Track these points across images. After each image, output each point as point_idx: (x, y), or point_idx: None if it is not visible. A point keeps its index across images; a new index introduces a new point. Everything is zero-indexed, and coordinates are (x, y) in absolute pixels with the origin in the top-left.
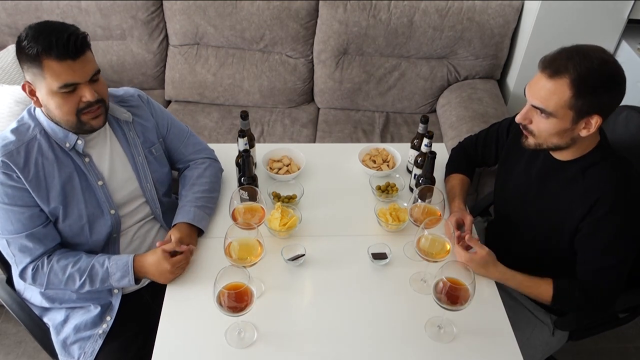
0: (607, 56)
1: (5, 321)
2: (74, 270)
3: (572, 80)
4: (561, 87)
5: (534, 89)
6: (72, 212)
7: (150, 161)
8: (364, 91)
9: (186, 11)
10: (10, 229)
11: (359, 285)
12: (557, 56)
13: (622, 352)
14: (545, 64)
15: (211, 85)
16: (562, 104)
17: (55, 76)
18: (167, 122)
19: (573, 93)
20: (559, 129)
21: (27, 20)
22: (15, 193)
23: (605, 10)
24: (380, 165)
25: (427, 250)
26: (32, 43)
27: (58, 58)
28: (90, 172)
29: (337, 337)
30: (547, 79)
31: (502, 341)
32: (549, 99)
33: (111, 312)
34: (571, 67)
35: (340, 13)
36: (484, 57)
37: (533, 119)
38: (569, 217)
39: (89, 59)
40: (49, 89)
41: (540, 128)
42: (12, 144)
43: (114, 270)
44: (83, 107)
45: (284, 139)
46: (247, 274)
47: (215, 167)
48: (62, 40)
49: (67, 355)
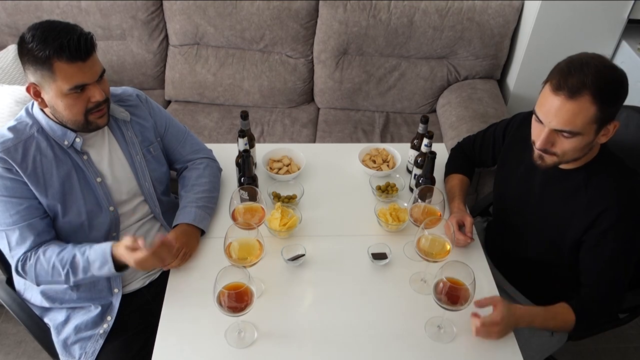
0: (606, 60)
1: (5, 321)
2: (57, 261)
3: (593, 95)
4: (585, 105)
5: (554, 113)
6: (71, 209)
7: (148, 160)
8: (364, 91)
9: (186, 11)
10: (8, 221)
11: (359, 285)
12: (566, 75)
13: (622, 352)
14: (558, 86)
15: (211, 85)
16: (588, 121)
17: (67, 78)
18: (165, 122)
19: (597, 107)
20: (584, 144)
21: (27, 20)
22: (13, 185)
23: (605, 10)
24: (380, 165)
25: (427, 250)
26: (42, 45)
27: (69, 60)
28: (88, 169)
29: (337, 337)
30: (567, 100)
31: (501, 341)
32: (574, 120)
33: (112, 312)
34: (588, 82)
35: (340, 13)
36: (484, 57)
37: (556, 142)
38: (571, 227)
39: (96, 59)
40: (58, 90)
41: (565, 148)
42: (9, 141)
43: (93, 259)
44: (92, 107)
45: (284, 139)
46: (247, 274)
47: (214, 167)
48: (74, 42)
49: (68, 356)
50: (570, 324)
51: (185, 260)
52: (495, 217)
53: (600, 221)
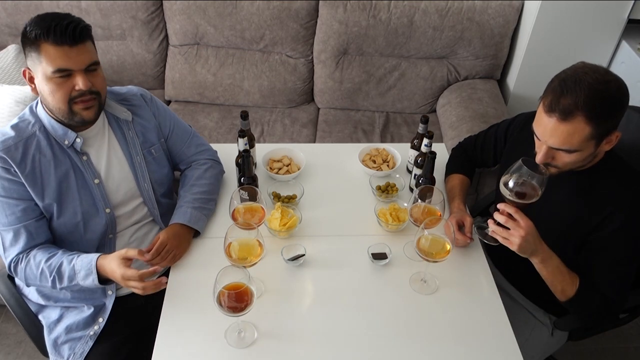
0: (602, 74)
1: (5, 321)
2: (45, 267)
3: (587, 116)
4: (578, 126)
5: (549, 134)
6: (66, 210)
7: (149, 161)
8: (364, 91)
9: (186, 11)
10: (4, 221)
11: (359, 285)
12: (559, 96)
13: (622, 352)
14: (550, 108)
15: (211, 85)
16: (584, 139)
17: (51, 60)
18: (170, 123)
19: (592, 126)
20: (585, 157)
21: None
22: (11, 186)
23: (605, 10)
24: (380, 165)
25: (427, 250)
26: (33, 27)
27: (55, 43)
28: (87, 170)
29: (337, 337)
30: (560, 123)
31: (501, 341)
32: (570, 140)
33: (104, 314)
34: (580, 103)
35: (340, 13)
36: (484, 57)
37: (555, 156)
38: (575, 229)
39: (88, 49)
40: (44, 73)
41: (565, 161)
42: (11, 140)
43: (79, 268)
44: (75, 95)
45: (284, 139)
46: (247, 274)
47: (217, 169)
48: (61, 27)
49: (57, 355)
50: (569, 294)
51: (173, 262)
52: None
53: (606, 224)
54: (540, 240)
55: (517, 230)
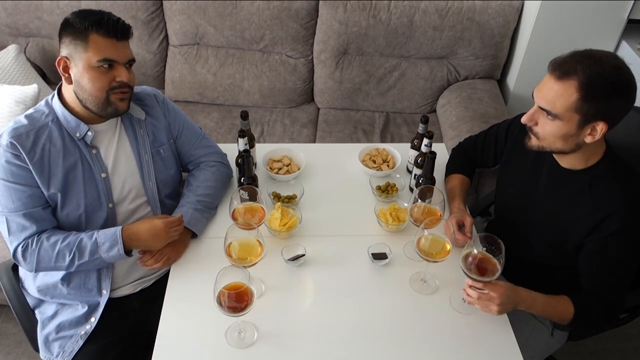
0: (619, 63)
1: (6, 321)
2: (63, 246)
3: (580, 83)
4: (569, 89)
5: (541, 90)
6: (70, 201)
7: (156, 161)
8: (364, 91)
9: (186, 11)
10: (11, 207)
11: (359, 285)
12: (567, 59)
13: (622, 352)
14: (554, 66)
15: (211, 85)
16: (568, 106)
17: (98, 50)
18: (179, 124)
19: (580, 96)
20: (564, 133)
21: (27, 20)
22: (19, 172)
23: (605, 10)
24: (380, 165)
25: (427, 251)
26: (81, 19)
27: (105, 34)
28: (95, 163)
29: (337, 337)
30: (555, 81)
31: (501, 342)
32: (555, 101)
33: (96, 313)
34: (580, 70)
35: (340, 13)
36: (484, 57)
37: (539, 121)
38: (574, 230)
39: (128, 46)
40: (87, 62)
41: (545, 130)
42: (23, 127)
43: (102, 240)
44: (115, 86)
45: (284, 139)
46: (247, 274)
47: (223, 173)
48: (112, 21)
49: (47, 352)
50: (568, 318)
51: (167, 264)
52: (496, 218)
53: (605, 225)
54: (517, 292)
55: (492, 300)
